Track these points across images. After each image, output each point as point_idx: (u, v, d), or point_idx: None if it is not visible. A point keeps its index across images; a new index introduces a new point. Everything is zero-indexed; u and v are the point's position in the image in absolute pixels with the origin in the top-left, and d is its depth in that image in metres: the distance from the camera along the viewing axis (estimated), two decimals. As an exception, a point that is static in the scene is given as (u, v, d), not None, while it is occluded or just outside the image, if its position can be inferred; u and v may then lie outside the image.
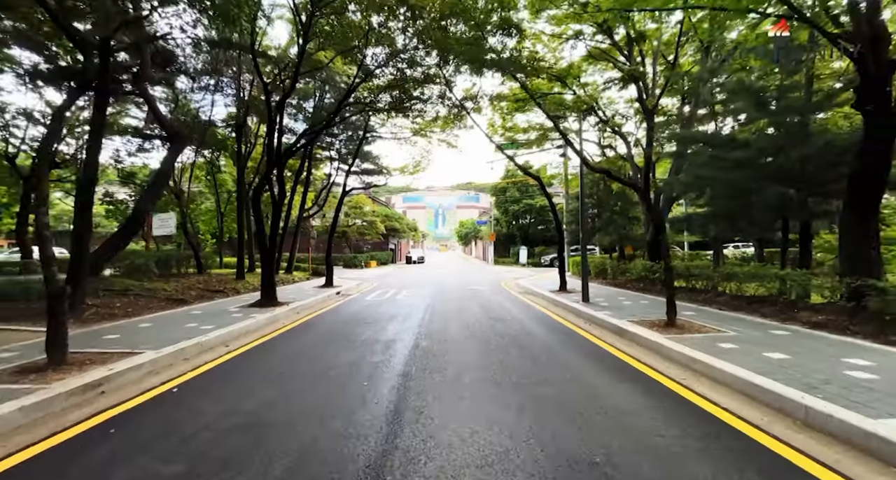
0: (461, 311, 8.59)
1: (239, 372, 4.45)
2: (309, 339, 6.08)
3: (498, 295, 11.98)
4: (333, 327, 7.06)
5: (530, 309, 8.99)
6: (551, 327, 6.93)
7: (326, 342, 5.88)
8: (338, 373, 4.29)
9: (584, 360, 4.71)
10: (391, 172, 17.32)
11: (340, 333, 6.49)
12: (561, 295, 10.19)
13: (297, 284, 14.18)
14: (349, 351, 5.27)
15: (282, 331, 6.66)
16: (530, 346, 5.43)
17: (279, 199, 8.97)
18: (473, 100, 12.68)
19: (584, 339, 5.91)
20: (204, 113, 15.52)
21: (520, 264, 29.73)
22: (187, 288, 10.13)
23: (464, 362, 4.63)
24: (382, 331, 6.49)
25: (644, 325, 5.95)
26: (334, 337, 6.15)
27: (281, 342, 5.93)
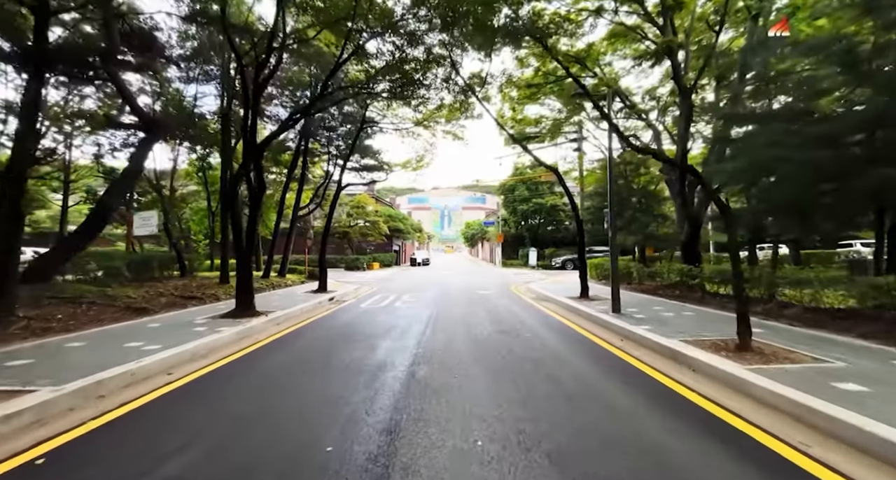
0: (468, 323, 7.31)
1: (163, 420, 3.22)
2: (276, 365, 4.84)
3: (509, 301, 10.68)
4: (313, 345, 5.82)
5: (549, 321, 7.68)
6: (581, 346, 5.63)
7: (297, 369, 4.63)
8: (298, 425, 3.04)
9: (644, 406, 3.40)
10: (392, 167, 16.14)
11: (319, 355, 5.24)
12: (583, 303, 8.87)
13: (289, 289, 12.99)
14: (323, 383, 4.02)
15: (248, 351, 5.43)
16: (561, 377, 4.14)
17: (257, 192, 7.79)
18: (481, 85, 11.41)
19: (629, 367, 4.60)
20: (195, 105, 14.49)
21: (529, 266, 28.36)
22: (157, 294, 8.98)
23: (474, 405, 3.36)
24: (372, 352, 5.23)
25: (705, 347, 4.63)
26: (310, 362, 4.91)
27: (240, 368, 4.69)
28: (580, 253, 9.89)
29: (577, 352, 5.23)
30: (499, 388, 3.79)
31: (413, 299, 11.23)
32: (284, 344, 5.91)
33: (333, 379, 4.12)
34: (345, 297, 11.88)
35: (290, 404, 3.50)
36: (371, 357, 4.97)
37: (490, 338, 6.01)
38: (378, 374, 4.23)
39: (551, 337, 6.18)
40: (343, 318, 8.19)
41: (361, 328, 7.04)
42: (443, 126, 14.46)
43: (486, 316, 8.05)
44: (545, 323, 7.36)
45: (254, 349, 5.56)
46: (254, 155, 7.57)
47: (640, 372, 4.33)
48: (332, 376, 4.24)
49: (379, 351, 5.23)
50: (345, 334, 6.49)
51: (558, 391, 3.71)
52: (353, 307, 9.93)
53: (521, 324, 7.21)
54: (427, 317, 7.96)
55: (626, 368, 4.48)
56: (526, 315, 8.36)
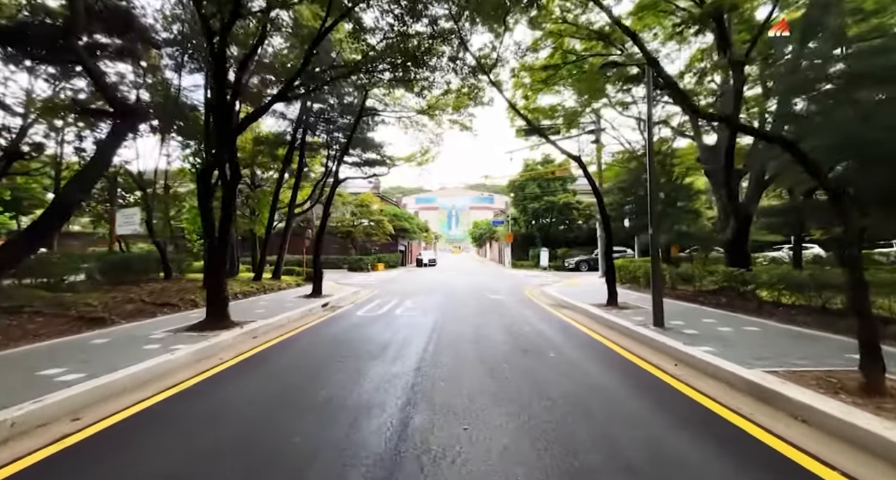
0: (479, 338, 6.10)
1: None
2: (227, 403, 3.68)
3: (525, 308, 9.45)
4: (286, 370, 4.66)
5: (577, 336, 6.44)
6: (627, 374, 4.38)
7: (252, 411, 3.47)
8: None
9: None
10: (395, 162, 14.98)
11: (289, 386, 4.07)
12: (613, 313, 7.60)
13: (281, 293, 11.90)
14: (281, 440, 2.85)
15: (201, 379, 4.28)
16: (613, 431, 2.92)
17: (231, 183, 6.67)
18: (491, 66, 10.18)
19: (711, 414, 3.35)
20: (178, 92, 13.47)
21: (540, 267, 27.04)
22: (126, 300, 7.91)
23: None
24: (357, 383, 4.05)
25: (809, 385, 3.37)
26: (271, 398, 3.74)
27: (177, 408, 3.54)
28: (607, 253, 8.62)
29: (626, 385, 3.99)
30: (530, 453, 2.58)
31: (416, 305, 10.06)
32: (251, 367, 4.76)
33: (298, 428, 2.95)
34: (341, 303, 10.75)
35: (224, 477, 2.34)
36: (354, 392, 3.79)
37: (508, 361, 4.79)
38: (358, 424, 3.04)
39: (585, 359, 4.94)
40: (333, 330, 7.03)
41: (351, 344, 5.87)
42: (449, 115, 13.28)
43: (499, 329, 6.83)
44: (572, 339, 6.11)
45: (210, 374, 4.42)
46: (227, 140, 6.46)
47: (729, 424, 3.07)
48: (296, 424, 3.07)
49: (366, 382, 4.04)
50: (328, 354, 5.32)
51: (616, 458, 2.49)
52: (348, 315, 8.78)
53: (542, 340, 5.98)
54: (430, 329, 6.77)
55: (707, 417, 3.23)
56: (546, 326, 7.13)
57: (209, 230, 6.54)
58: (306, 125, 14.52)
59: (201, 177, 6.67)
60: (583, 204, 28.06)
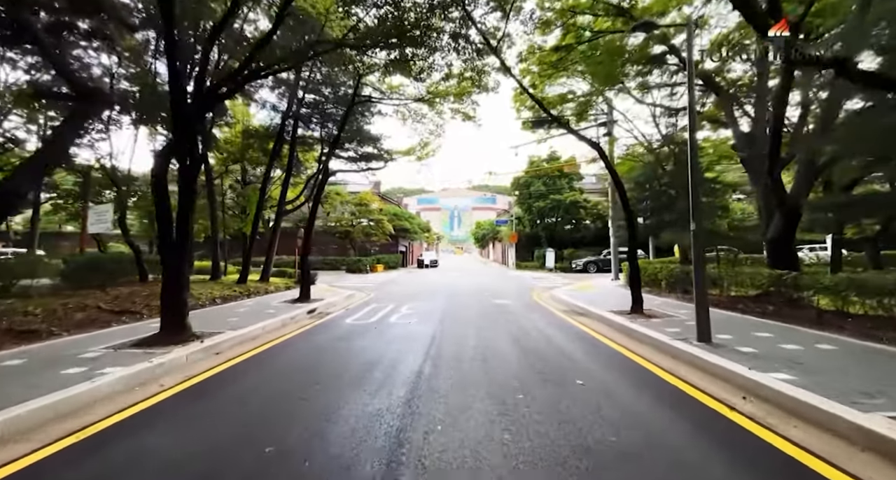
0: (486, 356, 5.04)
1: None
2: (134, 460, 2.63)
3: (535, 315, 8.38)
4: (237, 404, 3.61)
5: (608, 355, 5.37)
6: (691, 419, 3.31)
7: (168, 475, 2.42)
8: None
9: None
10: (392, 155, 13.95)
11: (224, 442, 3.02)
12: (640, 322, 6.52)
13: (266, 297, 10.87)
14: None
15: (118, 419, 3.24)
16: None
17: (189, 171, 5.61)
18: (497, 43, 9.13)
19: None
20: (153, 78, 12.48)
21: (546, 269, 25.95)
22: (80, 307, 6.90)
23: None
24: (318, 434, 3.00)
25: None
26: (199, 454, 2.69)
27: (59, 468, 2.50)
28: (631, 253, 7.53)
29: (690, 433, 2.92)
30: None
31: (413, 311, 9.00)
32: (189, 401, 3.71)
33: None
34: (330, 308, 9.71)
35: None
36: (314, 446, 2.74)
37: (524, 391, 3.73)
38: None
39: (624, 389, 3.87)
40: (313, 344, 5.99)
41: (330, 365, 4.83)
42: (451, 103, 12.23)
43: (508, 342, 5.76)
44: (600, 358, 5.04)
45: (134, 412, 3.37)
46: (185, 121, 5.43)
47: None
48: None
49: (334, 431, 2.98)
50: (298, 380, 4.27)
51: None
52: (336, 323, 7.73)
53: (563, 358, 4.92)
54: (428, 343, 5.71)
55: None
56: (564, 338, 6.05)
57: (165, 226, 5.50)
58: (297, 116, 13.51)
59: (157, 163, 5.64)
60: (590, 202, 26.96)
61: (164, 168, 5.57)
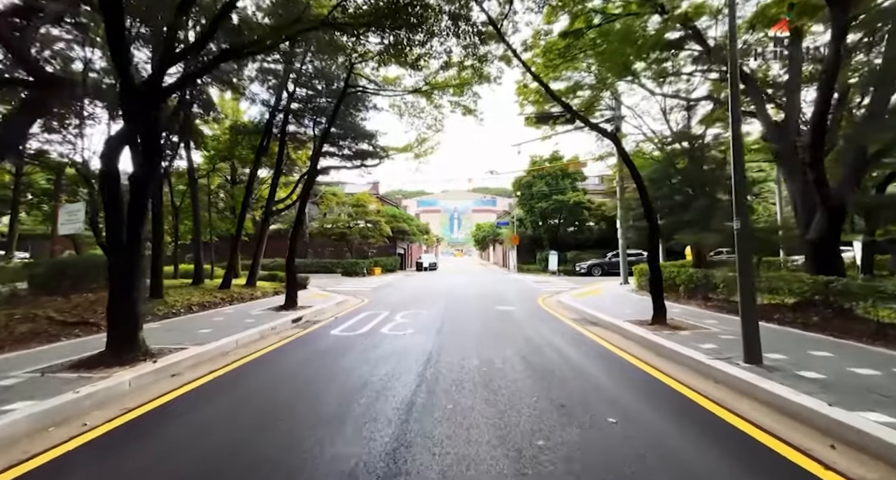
0: (492, 380, 4.20)
1: None
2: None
3: (544, 325, 7.55)
4: (173, 453, 2.78)
5: (640, 380, 4.54)
6: (757, 473, 2.48)
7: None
8: None
9: None
10: (388, 152, 13.15)
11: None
12: (666, 335, 5.69)
13: (249, 304, 10.04)
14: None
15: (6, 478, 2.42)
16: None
17: (144, 165, 4.76)
18: (500, 21, 8.34)
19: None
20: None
21: (549, 272, 25.11)
22: (28, 318, 6.07)
23: None
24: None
25: None
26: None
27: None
28: (652, 256, 6.70)
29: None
30: None
31: (409, 320, 8.18)
32: (120, 445, 2.88)
33: None
34: (319, 316, 8.88)
35: None
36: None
37: (542, 434, 2.89)
38: None
39: (670, 430, 3.04)
40: (289, 363, 5.16)
41: (303, 392, 4.00)
42: (450, 96, 11.44)
43: (518, 361, 4.93)
44: (630, 384, 4.21)
45: (36, 465, 2.55)
46: (138, 106, 4.62)
47: None
48: None
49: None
50: (258, 416, 3.45)
51: None
52: (321, 335, 6.90)
53: (586, 384, 4.09)
54: (423, 362, 4.88)
55: None
56: (583, 357, 5.22)
57: (114, 227, 4.67)
58: (287, 111, 12.72)
59: (105, 154, 4.81)
60: (595, 203, 26.16)
61: (112, 159, 4.74)
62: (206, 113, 14.17)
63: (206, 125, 15.35)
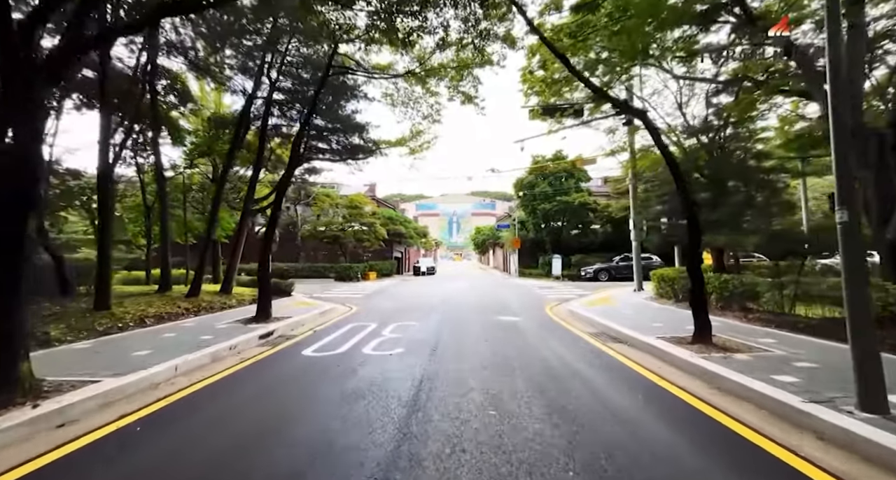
0: (506, 436, 2.98)
1: None
2: None
3: (559, 342, 6.33)
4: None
5: (704, 431, 3.33)
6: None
7: None
8: None
9: None
10: (381, 146, 11.98)
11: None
12: (718, 360, 4.48)
13: (218, 314, 8.80)
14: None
15: None
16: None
17: (17, 143, 3.52)
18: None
19: None
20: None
21: (553, 277, 23.91)
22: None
23: None
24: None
25: None
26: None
27: None
28: (692, 260, 5.48)
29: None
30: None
31: (399, 335, 6.95)
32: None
33: None
34: (295, 329, 7.66)
35: None
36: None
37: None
38: None
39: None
40: (228, 403, 3.94)
41: (236, 454, 2.77)
42: (448, 82, 10.28)
43: (536, 399, 3.71)
44: (701, 440, 2.99)
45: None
46: (13, 82, 3.42)
47: None
48: None
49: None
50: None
51: None
52: (288, 357, 5.68)
53: (637, 442, 2.86)
54: (408, 403, 3.65)
55: None
56: (620, 393, 4.00)
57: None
58: (269, 100, 11.55)
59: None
60: (601, 204, 25.02)
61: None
62: (183, 103, 13.06)
63: (184, 118, 14.22)
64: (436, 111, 11.12)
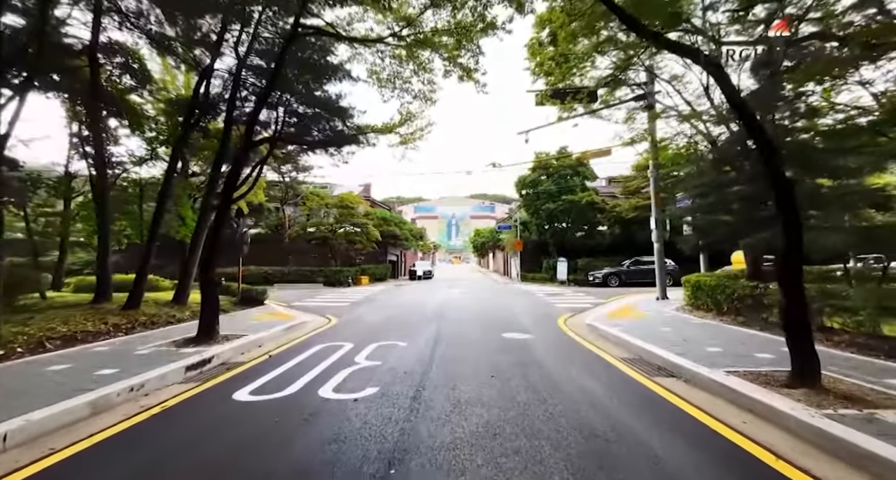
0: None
1: None
2: None
3: (589, 375, 4.65)
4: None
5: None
6: None
7: None
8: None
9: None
10: (366, 131, 10.35)
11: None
12: (854, 421, 2.83)
13: (154, 332, 7.11)
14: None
15: None
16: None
17: None
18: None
19: None
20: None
21: (557, 281, 22.25)
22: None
23: None
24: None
25: None
26: None
27: None
28: (790, 268, 3.81)
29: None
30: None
31: (378, 363, 5.27)
32: None
33: None
34: (247, 353, 5.98)
35: None
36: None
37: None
38: None
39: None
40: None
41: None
42: (443, 53, 8.65)
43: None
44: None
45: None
46: None
47: None
48: None
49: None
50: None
51: None
52: (213, 401, 4.00)
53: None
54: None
55: None
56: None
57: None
58: (237, 82, 9.89)
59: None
60: (609, 204, 23.40)
61: None
62: (141, 85, 11.42)
63: (149, 104, 12.59)
64: (429, 90, 9.49)
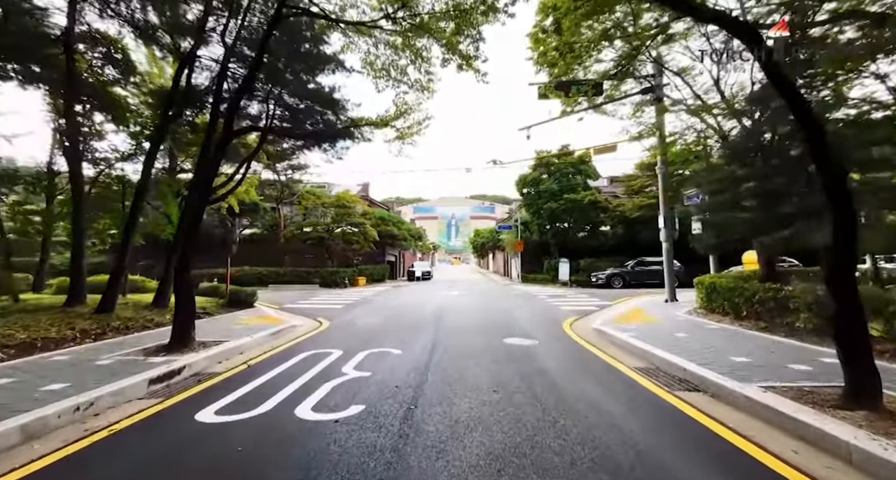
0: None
1: None
2: None
3: (603, 389, 4.10)
4: None
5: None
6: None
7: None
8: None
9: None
10: (360, 124, 9.80)
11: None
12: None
13: (127, 338, 6.54)
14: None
15: None
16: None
17: None
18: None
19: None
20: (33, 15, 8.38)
21: (559, 282, 21.70)
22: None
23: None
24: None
25: None
26: None
27: None
28: (842, 253, 3.26)
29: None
30: None
31: (366, 373, 4.72)
32: None
33: None
34: (225, 361, 5.42)
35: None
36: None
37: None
38: None
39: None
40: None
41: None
42: (441, 44, 8.11)
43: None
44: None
45: None
46: None
47: None
48: None
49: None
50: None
51: None
52: (172, 423, 3.45)
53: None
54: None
55: None
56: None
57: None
58: (224, 71, 9.34)
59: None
60: (613, 203, 22.87)
61: None
62: (125, 76, 10.87)
63: (134, 97, 12.03)
64: (427, 79, 8.95)
